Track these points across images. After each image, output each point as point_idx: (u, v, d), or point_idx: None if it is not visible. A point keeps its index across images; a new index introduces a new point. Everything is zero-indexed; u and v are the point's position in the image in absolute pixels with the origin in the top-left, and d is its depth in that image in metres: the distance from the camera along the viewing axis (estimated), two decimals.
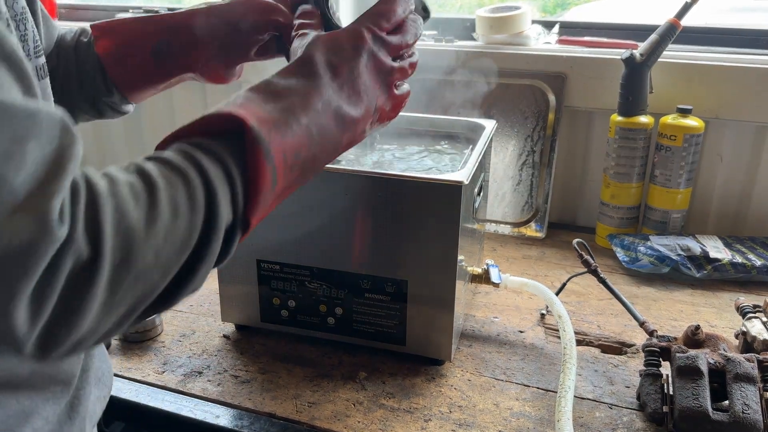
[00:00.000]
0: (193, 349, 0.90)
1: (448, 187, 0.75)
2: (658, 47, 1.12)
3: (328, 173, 0.78)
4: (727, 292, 1.06)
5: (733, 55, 1.21)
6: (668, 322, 0.97)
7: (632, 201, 1.20)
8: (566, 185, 1.33)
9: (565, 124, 1.28)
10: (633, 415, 0.76)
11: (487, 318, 0.98)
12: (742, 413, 0.67)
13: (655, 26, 1.13)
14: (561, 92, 1.24)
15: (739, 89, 1.15)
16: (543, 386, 0.82)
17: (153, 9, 1.68)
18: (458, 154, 0.97)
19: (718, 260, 1.07)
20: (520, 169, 1.28)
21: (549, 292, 0.92)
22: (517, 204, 1.30)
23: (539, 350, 0.90)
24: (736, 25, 1.29)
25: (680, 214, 1.18)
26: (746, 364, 0.71)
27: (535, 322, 0.97)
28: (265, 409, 0.77)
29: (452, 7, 1.75)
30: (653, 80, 1.15)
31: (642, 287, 1.08)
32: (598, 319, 0.97)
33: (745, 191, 1.23)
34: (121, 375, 0.84)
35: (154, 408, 0.78)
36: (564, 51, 1.27)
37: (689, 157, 1.14)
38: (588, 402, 0.79)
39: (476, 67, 1.24)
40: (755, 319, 0.80)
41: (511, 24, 1.30)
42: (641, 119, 1.15)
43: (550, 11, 1.64)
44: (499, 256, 1.20)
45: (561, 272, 1.12)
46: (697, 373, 0.71)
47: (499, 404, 0.78)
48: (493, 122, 1.01)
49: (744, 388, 0.69)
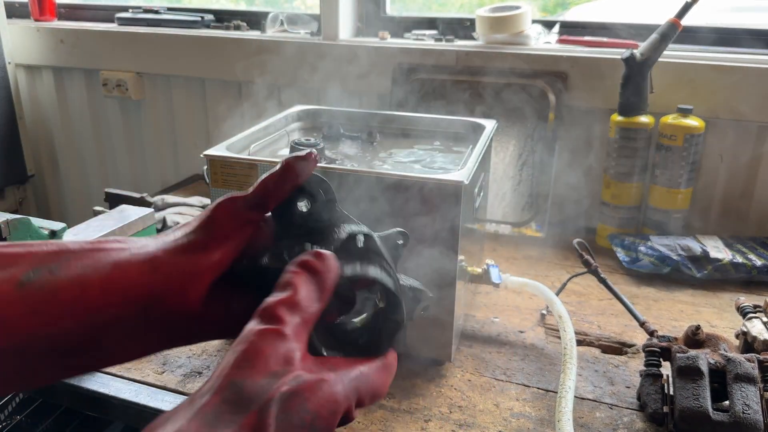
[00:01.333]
0: (192, 349, 0.90)
1: (448, 187, 0.75)
2: (658, 47, 1.12)
3: (328, 173, 0.78)
4: (728, 292, 1.06)
5: (734, 54, 1.21)
6: (669, 322, 0.96)
7: (633, 201, 1.20)
8: (567, 185, 1.33)
9: (566, 123, 1.28)
10: (633, 415, 0.76)
11: (487, 318, 0.98)
12: (743, 413, 0.67)
13: (655, 26, 1.13)
14: (561, 92, 1.24)
15: (740, 89, 1.15)
16: (543, 386, 0.82)
17: (152, 8, 1.68)
18: (458, 154, 0.97)
19: (719, 260, 1.07)
20: (521, 169, 1.28)
21: (549, 292, 0.92)
22: (518, 204, 1.30)
23: (539, 350, 0.90)
24: (736, 25, 1.28)
25: (681, 214, 1.18)
26: (747, 364, 0.71)
27: (536, 322, 0.97)
28: None
29: (452, 6, 1.75)
30: (654, 80, 1.15)
31: (642, 287, 1.07)
32: (599, 320, 0.97)
33: (746, 191, 1.23)
34: (121, 375, 0.84)
35: (154, 408, 0.78)
36: (564, 51, 1.27)
37: (690, 156, 1.13)
38: (588, 402, 0.78)
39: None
40: (756, 319, 0.79)
41: (511, 23, 1.29)
42: (642, 119, 1.15)
43: (551, 11, 1.64)
44: (499, 256, 1.19)
45: (561, 272, 1.11)
46: (698, 374, 0.71)
47: (499, 404, 0.78)
48: (494, 122, 1.01)
49: (744, 389, 0.69)
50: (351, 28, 1.49)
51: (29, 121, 1.81)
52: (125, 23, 1.67)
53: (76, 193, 1.90)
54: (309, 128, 1.09)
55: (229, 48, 1.52)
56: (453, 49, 1.32)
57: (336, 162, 0.91)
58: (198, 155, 0.84)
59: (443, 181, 0.76)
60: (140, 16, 1.66)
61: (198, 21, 1.62)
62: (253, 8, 1.77)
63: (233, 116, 1.56)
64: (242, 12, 1.69)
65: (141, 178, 1.78)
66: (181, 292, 0.37)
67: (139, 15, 1.67)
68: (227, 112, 1.57)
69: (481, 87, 1.26)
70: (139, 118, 1.72)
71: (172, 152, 1.71)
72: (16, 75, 1.74)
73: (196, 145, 1.63)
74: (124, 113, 1.73)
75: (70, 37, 1.67)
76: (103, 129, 1.78)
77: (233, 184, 0.84)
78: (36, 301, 0.34)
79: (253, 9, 1.74)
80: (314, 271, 0.34)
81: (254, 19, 1.62)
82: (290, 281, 0.34)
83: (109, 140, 1.79)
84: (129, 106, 1.71)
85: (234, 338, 0.32)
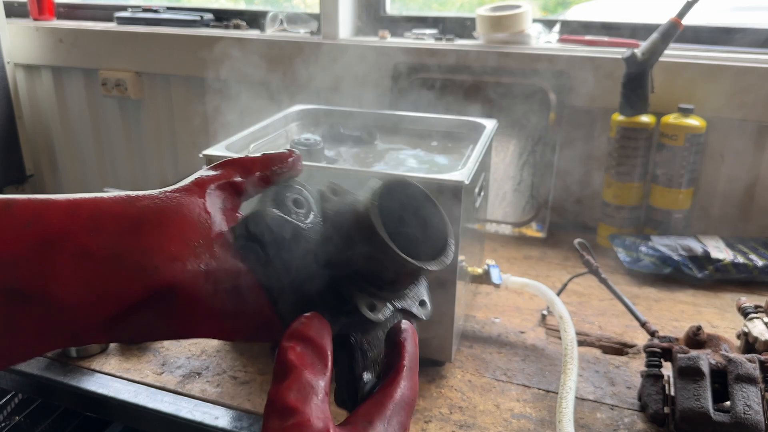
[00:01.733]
0: (191, 349, 0.89)
1: (448, 186, 0.75)
2: (659, 46, 1.11)
3: (328, 173, 0.77)
4: (729, 292, 1.05)
5: (735, 54, 1.21)
6: (670, 323, 0.96)
7: (634, 201, 1.19)
8: (567, 185, 1.33)
9: (566, 123, 1.27)
10: (634, 416, 0.76)
11: (487, 319, 0.97)
12: (744, 414, 0.66)
13: (656, 25, 1.13)
14: (562, 91, 1.24)
15: (741, 88, 1.15)
16: (544, 387, 0.81)
17: (152, 7, 1.67)
18: (459, 153, 0.96)
19: (720, 260, 1.07)
20: (521, 169, 1.28)
21: (550, 293, 0.91)
22: (518, 204, 1.29)
23: (540, 351, 0.89)
24: (737, 24, 1.28)
25: (682, 214, 1.18)
26: (748, 364, 0.71)
27: (536, 322, 0.97)
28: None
29: (453, 5, 1.75)
30: (654, 79, 1.15)
31: (643, 288, 1.07)
32: (600, 320, 0.97)
33: (747, 191, 1.22)
34: (120, 376, 0.83)
35: (153, 409, 0.78)
36: (565, 50, 1.27)
37: (691, 156, 1.13)
38: (589, 403, 0.78)
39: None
40: (757, 320, 0.79)
41: (511, 23, 1.29)
42: (643, 119, 1.14)
43: (551, 10, 1.64)
44: (499, 256, 1.19)
45: (562, 272, 1.11)
46: (699, 374, 0.70)
47: (499, 405, 0.78)
48: (494, 121, 1.01)
49: (745, 389, 0.69)
50: (351, 27, 1.49)
51: (28, 120, 1.81)
52: (124, 22, 1.67)
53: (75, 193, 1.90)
54: (308, 128, 1.08)
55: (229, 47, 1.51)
56: (453, 48, 1.32)
57: (336, 162, 0.91)
58: (197, 155, 0.84)
59: (443, 181, 0.75)
60: (139, 16, 1.66)
61: (197, 20, 1.62)
62: (253, 7, 1.77)
63: (233, 116, 1.55)
64: (242, 11, 1.68)
65: (140, 178, 1.77)
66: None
67: (138, 14, 1.66)
68: (227, 111, 1.56)
69: (481, 86, 1.26)
70: (139, 117, 1.71)
71: (172, 152, 1.71)
72: (15, 74, 1.73)
73: (196, 145, 1.63)
74: (123, 113, 1.73)
75: (69, 36, 1.66)
76: (102, 129, 1.78)
77: None
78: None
79: (253, 8, 1.74)
80: (307, 340, 0.32)
81: (254, 18, 1.62)
82: (289, 361, 0.31)
83: (108, 140, 1.78)
84: (128, 105, 1.71)
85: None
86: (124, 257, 0.31)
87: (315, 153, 0.88)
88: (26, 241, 0.30)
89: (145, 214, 0.32)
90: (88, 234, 0.31)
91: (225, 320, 0.34)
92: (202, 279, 0.33)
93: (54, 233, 0.30)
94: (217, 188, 0.36)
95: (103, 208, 0.32)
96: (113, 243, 0.31)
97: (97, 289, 0.30)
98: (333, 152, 0.94)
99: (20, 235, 0.30)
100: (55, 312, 0.30)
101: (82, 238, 0.31)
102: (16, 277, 0.29)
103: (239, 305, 0.35)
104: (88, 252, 0.30)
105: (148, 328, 0.33)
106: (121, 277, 0.31)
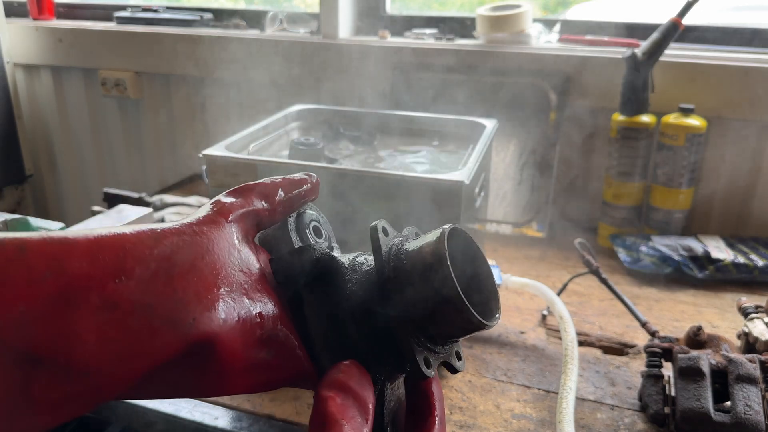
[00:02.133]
0: None
1: (448, 186, 0.75)
2: (659, 46, 1.11)
3: (328, 173, 0.77)
4: (730, 292, 1.05)
5: (736, 54, 1.21)
6: (670, 323, 0.96)
7: (634, 201, 1.19)
8: (567, 185, 1.33)
9: (567, 123, 1.27)
10: (635, 416, 0.76)
11: None
12: (744, 414, 0.66)
13: (656, 25, 1.13)
14: (562, 91, 1.23)
15: (742, 88, 1.15)
16: (544, 387, 0.81)
17: (151, 7, 1.67)
18: (459, 153, 0.96)
19: (721, 260, 1.07)
20: (521, 169, 1.28)
21: (550, 293, 0.91)
22: (518, 204, 1.29)
23: (540, 351, 0.89)
24: (738, 24, 1.28)
25: (682, 214, 1.18)
26: (748, 365, 0.71)
27: (537, 322, 0.96)
28: (264, 411, 0.77)
29: (453, 5, 1.74)
30: (655, 79, 1.15)
31: (644, 288, 1.07)
32: (600, 320, 0.97)
33: (748, 191, 1.22)
34: None
35: (153, 409, 0.78)
36: (565, 50, 1.27)
37: (691, 156, 1.13)
38: (589, 403, 0.78)
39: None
40: (757, 320, 0.79)
41: (512, 23, 1.29)
42: (643, 118, 1.14)
43: (551, 10, 1.64)
44: (500, 256, 1.19)
45: (562, 272, 1.11)
46: (699, 374, 0.70)
47: (500, 406, 0.78)
48: (494, 121, 1.01)
49: (746, 389, 0.69)
50: (351, 26, 1.48)
51: (27, 120, 1.80)
52: (124, 22, 1.67)
53: (74, 193, 1.90)
54: (308, 127, 1.08)
55: (229, 47, 1.51)
56: (453, 48, 1.32)
57: (336, 162, 0.90)
58: (197, 155, 0.84)
59: (443, 181, 0.75)
60: (139, 15, 1.66)
61: (197, 20, 1.62)
62: (253, 7, 1.77)
63: (232, 115, 1.55)
64: (241, 11, 1.68)
65: (139, 178, 1.77)
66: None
67: (137, 14, 1.66)
68: (226, 111, 1.56)
69: (481, 86, 1.26)
70: (138, 117, 1.71)
71: (171, 152, 1.70)
72: (15, 74, 1.73)
73: (195, 145, 1.63)
74: (122, 113, 1.72)
75: (69, 36, 1.66)
76: (102, 128, 1.78)
77: (232, 184, 0.83)
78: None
79: (253, 8, 1.74)
80: (348, 391, 0.30)
81: (253, 18, 1.61)
82: (329, 414, 0.28)
83: (108, 140, 1.78)
84: (128, 105, 1.71)
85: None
86: (156, 308, 0.26)
87: (315, 153, 0.88)
88: (43, 295, 0.24)
89: (174, 255, 0.28)
90: (113, 282, 0.26)
91: (262, 372, 0.31)
92: (240, 328, 0.29)
93: (75, 283, 0.25)
94: (240, 217, 0.33)
95: (128, 249, 0.27)
96: (142, 291, 0.26)
97: (125, 348, 0.26)
98: (333, 152, 0.94)
99: (36, 288, 0.24)
100: (75, 377, 0.25)
101: (108, 287, 0.26)
102: (30, 338, 0.24)
103: (277, 354, 0.31)
104: (114, 303, 0.26)
105: (177, 387, 0.29)
106: (154, 331, 0.26)
